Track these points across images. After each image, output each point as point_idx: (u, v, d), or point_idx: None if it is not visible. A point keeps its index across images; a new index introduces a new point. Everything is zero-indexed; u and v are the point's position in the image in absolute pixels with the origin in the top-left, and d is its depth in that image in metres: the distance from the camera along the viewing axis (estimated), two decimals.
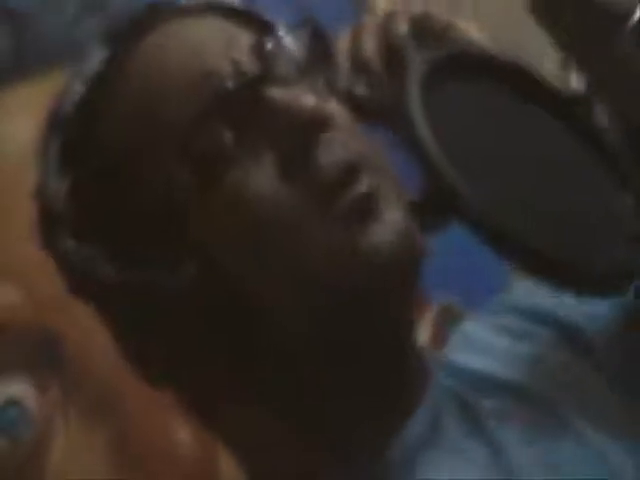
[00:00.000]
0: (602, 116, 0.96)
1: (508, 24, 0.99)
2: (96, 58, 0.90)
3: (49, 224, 0.90)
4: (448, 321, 1.09)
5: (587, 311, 1.01)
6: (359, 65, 0.94)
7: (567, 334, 1.00)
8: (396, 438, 0.91)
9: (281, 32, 0.90)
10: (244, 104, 0.86)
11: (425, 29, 0.95)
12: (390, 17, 0.96)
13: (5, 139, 1.60)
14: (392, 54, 0.93)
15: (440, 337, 1.04)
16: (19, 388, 1.56)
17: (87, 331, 0.96)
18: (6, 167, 1.59)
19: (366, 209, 0.85)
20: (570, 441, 0.95)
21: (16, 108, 1.62)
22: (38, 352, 1.57)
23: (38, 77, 1.62)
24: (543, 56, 0.98)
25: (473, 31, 0.97)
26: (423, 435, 0.91)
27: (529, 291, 1.04)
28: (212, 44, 0.89)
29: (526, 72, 0.97)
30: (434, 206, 0.88)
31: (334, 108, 0.88)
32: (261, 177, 0.85)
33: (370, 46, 0.94)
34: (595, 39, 0.93)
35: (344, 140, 0.87)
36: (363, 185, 0.85)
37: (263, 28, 0.91)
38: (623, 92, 0.93)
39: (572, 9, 0.92)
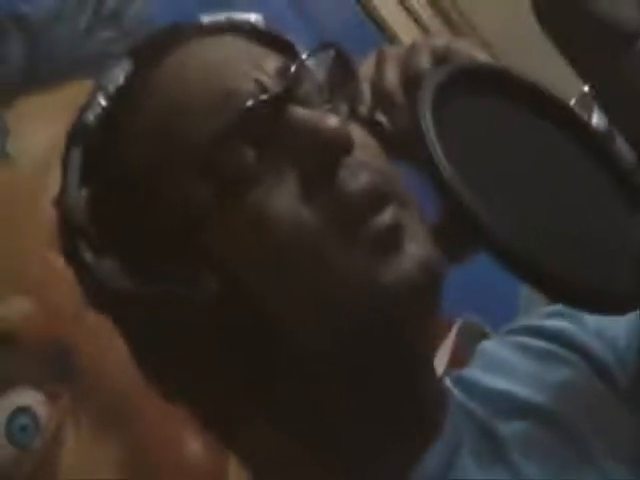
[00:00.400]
0: (617, 138, 0.97)
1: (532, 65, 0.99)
2: (119, 72, 0.91)
3: (69, 235, 0.91)
4: (470, 340, 1.09)
5: (615, 348, 1.02)
6: (381, 95, 0.93)
7: (596, 366, 1.01)
8: (414, 469, 0.91)
9: (304, 55, 0.90)
10: (266, 122, 0.87)
11: (447, 62, 0.95)
12: (413, 49, 0.96)
13: (18, 150, 1.60)
14: (414, 86, 0.92)
15: (461, 356, 1.04)
16: (29, 396, 1.56)
17: (101, 342, 0.97)
18: (19, 178, 1.60)
19: (390, 241, 0.86)
20: (592, 476, 0.94)
21: (29, 119, 1.62)
22: (50, 362, 1.58)
23: (51, 87, 1.62)
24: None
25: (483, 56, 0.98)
26: (441, 469, 0.91)
27: (555, 317, 1.05)
28: (234, 64, 0.90)
29: (540, 90, 0.97)
30: (455, 235, 0.88)
31: (356, 131, 0.88)
32: (283, 196, 0.86)
33: (393, 77, 0.94)
34: (602, 56, 0.95)
35: (367, 163, 0.87)
36: (387, 215, 0.86)
37: (286, 50, 0.93)
38: (628, 108, 0.95)
39: (580, 24, 0.93)
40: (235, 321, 0.86)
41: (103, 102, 0.91)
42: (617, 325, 1.01)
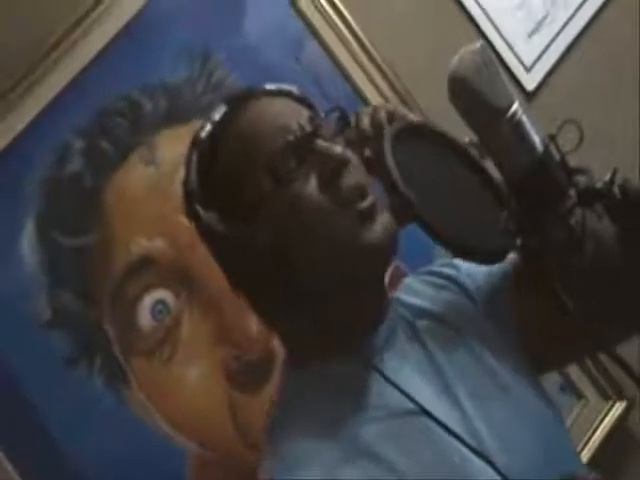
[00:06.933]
0: (492, 167, 0.95)
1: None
2: (219, 111, 0.91)
3: (189, 200, 0.90)
4: (399, 276, 1.09)
5: (476, 283, 1.01)
6: (360, 133, 0.93)
7: (467, 294, 1.01)
8: (372, 335, 0.92)
9: (323, 113, 0.91)
10: (302, 146, 0.87)
11: (393, 115, 0.95)
12: (375, 109, 0.96)
13: (161, 159, 1.59)
14: (377, 128, 0.93)
15: (393, 285, 1.05)
16: (164, 294, 1.56)
17: (206, 263, 0.96)
18: (162, 174, 1.59)
19: (369, 216, 0.87)
20: (466, 351, 0.95)
21: (168, 141, 1.61)
22: (177, 274, 1.56)
23: (181, 124, 1.61)
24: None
25: (416, 117, 0.97)
26: (385, 336, 0.93)
27: (445, 266, 1.04)
28: (285, 112, 0.90)
29: (449, 136, 0.97)
30: (400, 214, 0.89)
31: (351, 154, 0.90)
32: (309, 188, 0.87)
33: (365, 123, 0.94)
34: (486, 124, 0.91)
35: (356, 172, 0.89)
36: (368, 201, 0.87)
37: (310, 106, 0.92)
38: (503, 157, 0.92)
39: (472, 105, 0.90)
40: (276, 257, 0.85)
41: (210, 127, 0.90)
42: (477, 269, 1.00)
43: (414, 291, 1.02)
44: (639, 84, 1.92)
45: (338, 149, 0.88)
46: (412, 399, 0.85)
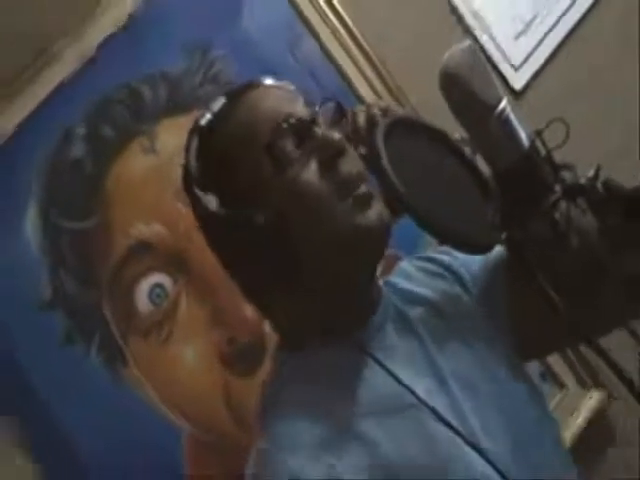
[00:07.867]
0: (480, 161, 0.96)
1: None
2: (219, 101, 0.91)
3: (188, 182, 0.90)
4: (394, 261, 1.09)
5: (471, 272, 1.01)
6: (354, 128, 0.94)
7: (461, 282, 1.01)
8: (363, 325, 0.92)
9: (319, 102, 0.91)
10: (302, 132, 0.87)
11: (387, 112, 0.96)
12: (369, 105, 0.97)
13: (161, 146, 1.61)
14: (371, 124, 0.94)
15: (388, 270, 1.06)
16: (162, 278, 1.57)
17: (202, 248, 0.97)
18: (162, 162, 1.60)
19: (365, 201, 0.87)
20: (458, 341, 0.95)
21: (168, 130, 1.62)
22: (174, 260, 1.57)
23: (180, 114, 1.62)
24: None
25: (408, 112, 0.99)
26: (376, 329, 0.92)
27: (441, 253, 1.04)
28: (284, 100, 0.90)
29: (439, 129, 0.97)
30: (393, 208, 0.89)
31: (348, 145, 0.90)
32: (308, 173, 0.86)
33: (361, 119, 0.95)
34: (476, 120, 0.92)
35: (352, 160, 0.89)
36: (364, 188, 0.87)
37: (308, 100, 0.92)
38: (491, 151, 0.94)
39: (463, 101, 0.91)
40: (274, 238, 0.85)
41: (210, 115, 0.90)
42: (473, 259, 1.01)
43: (407, 275, 1.02)
44: None
45: (337, 135, 0.88)
46: (402, 383, 0.86)
